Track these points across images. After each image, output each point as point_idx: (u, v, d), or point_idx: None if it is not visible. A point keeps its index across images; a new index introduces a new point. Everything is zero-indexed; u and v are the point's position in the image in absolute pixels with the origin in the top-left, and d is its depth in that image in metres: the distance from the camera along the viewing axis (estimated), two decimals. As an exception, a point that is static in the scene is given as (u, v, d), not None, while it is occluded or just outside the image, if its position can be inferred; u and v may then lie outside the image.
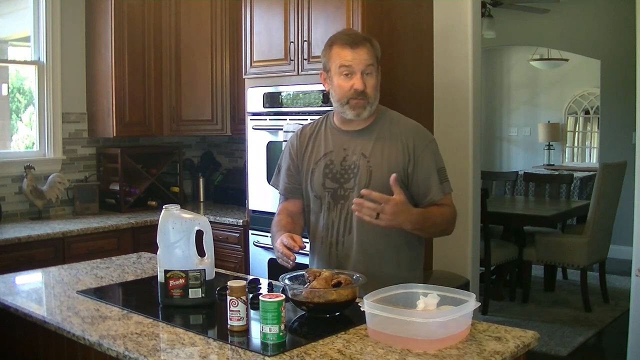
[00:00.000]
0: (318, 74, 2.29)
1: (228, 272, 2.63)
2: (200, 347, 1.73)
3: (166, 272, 2.08)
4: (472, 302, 1.74)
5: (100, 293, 2.29)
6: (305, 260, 2.34)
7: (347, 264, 2.19)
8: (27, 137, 4.42)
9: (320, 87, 3.38)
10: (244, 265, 3.96)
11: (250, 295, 2.04)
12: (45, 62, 4.26)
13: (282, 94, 3.69)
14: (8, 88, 4.38)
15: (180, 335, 1.82)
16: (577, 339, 4.40)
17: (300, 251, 2.07)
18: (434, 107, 3.87)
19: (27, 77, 4.40)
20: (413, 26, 3.74)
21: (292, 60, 3.62)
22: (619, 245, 5.88)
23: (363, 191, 1.98)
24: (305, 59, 3.55)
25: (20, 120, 4.44)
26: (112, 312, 2.05)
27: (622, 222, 5.22)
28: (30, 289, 2.47)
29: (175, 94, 4.56)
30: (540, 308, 5.11)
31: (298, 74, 3.61)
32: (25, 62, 4.33)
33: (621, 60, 6.35)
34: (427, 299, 1.76)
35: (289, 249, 2.04)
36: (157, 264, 2.14)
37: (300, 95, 3.60)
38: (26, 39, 4.31)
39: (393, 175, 1.98)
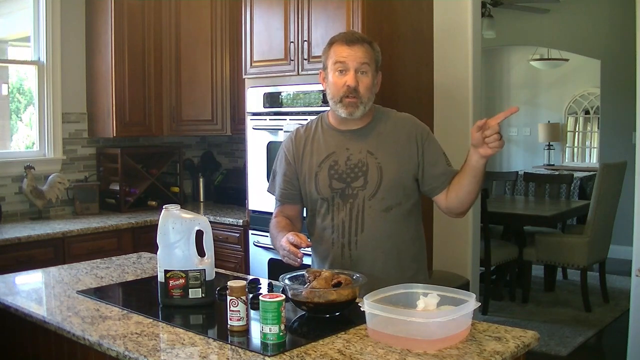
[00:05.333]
0: (318, 74, 2.29)
1: (228, 272, 2.63)
2: (200, 347, 1.73)
3: (166, 272, 2.08)
4: (472, 302, 1.73)
5: (100, 293, 2.28)
6: (308, 261, 2.33)
7: (362, 263, 2.17)
8: (27, 137, 4.42)
9: (321, 87, 3.39)
10: (244, 265, 3.96)
11: (250, 295, 2.04)
12: (45, 62, 4.26)
13: (282, 94, 3.69)
14: (8, 88, 4.38)
15: (180, 335, 1.82)
16: (577, 339, 4.40)
17: (305, 250, 2.07)
18: (434, 107, 3.87)
19: (27, 77, 4.40)
20: (413, 26, 3.74)
21: (292, 60, 3.62)
22: (619, 245, 5.88)
23: (479, 122, 2.00)
24: (305, 59, 3.55)
25: (20, 120, 4.44)
26: (112, 312, 2.05)
27: (622, 222, 5.22)
28: (30, 289, 2.47)
29: (175, 94, 4.56)
30: (540, 308, 5.11)
31: (298, 74, 3.61)
32: (25, 62, 4.33)
33: (621, 60, 6.35)
34: (427, 299, 1.76)
35: (295, 246, 2.02)
36: (157, 264, 2.14)
37: (300, 95, 3.60)
38: (26, 39, 4.31)
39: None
